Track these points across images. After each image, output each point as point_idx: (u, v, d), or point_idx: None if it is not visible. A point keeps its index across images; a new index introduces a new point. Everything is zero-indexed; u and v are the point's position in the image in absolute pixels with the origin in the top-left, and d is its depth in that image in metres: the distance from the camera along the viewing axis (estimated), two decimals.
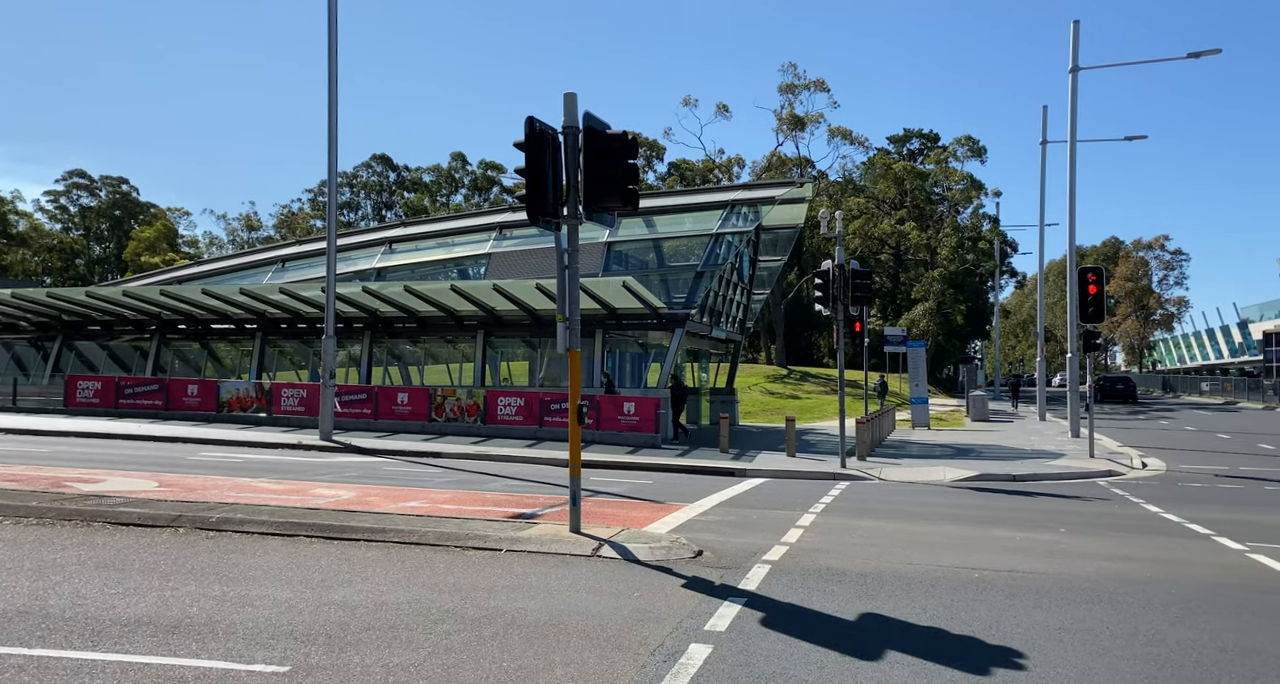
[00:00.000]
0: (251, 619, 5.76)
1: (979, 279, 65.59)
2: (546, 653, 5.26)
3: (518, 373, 28.06)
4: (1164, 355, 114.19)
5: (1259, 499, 13.66)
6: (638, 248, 26.49)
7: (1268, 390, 55.66)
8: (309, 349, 28.12)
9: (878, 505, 12.19)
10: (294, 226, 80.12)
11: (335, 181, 20.80)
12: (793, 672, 5.00)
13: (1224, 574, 7.89)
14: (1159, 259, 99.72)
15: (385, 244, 30.04)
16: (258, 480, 12.92)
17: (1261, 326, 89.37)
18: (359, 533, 8.64)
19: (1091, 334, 20.55)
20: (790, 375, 51.69)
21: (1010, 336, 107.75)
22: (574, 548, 8.19)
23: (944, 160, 67.01)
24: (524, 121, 8.57)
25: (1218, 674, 5.11)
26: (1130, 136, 33.45)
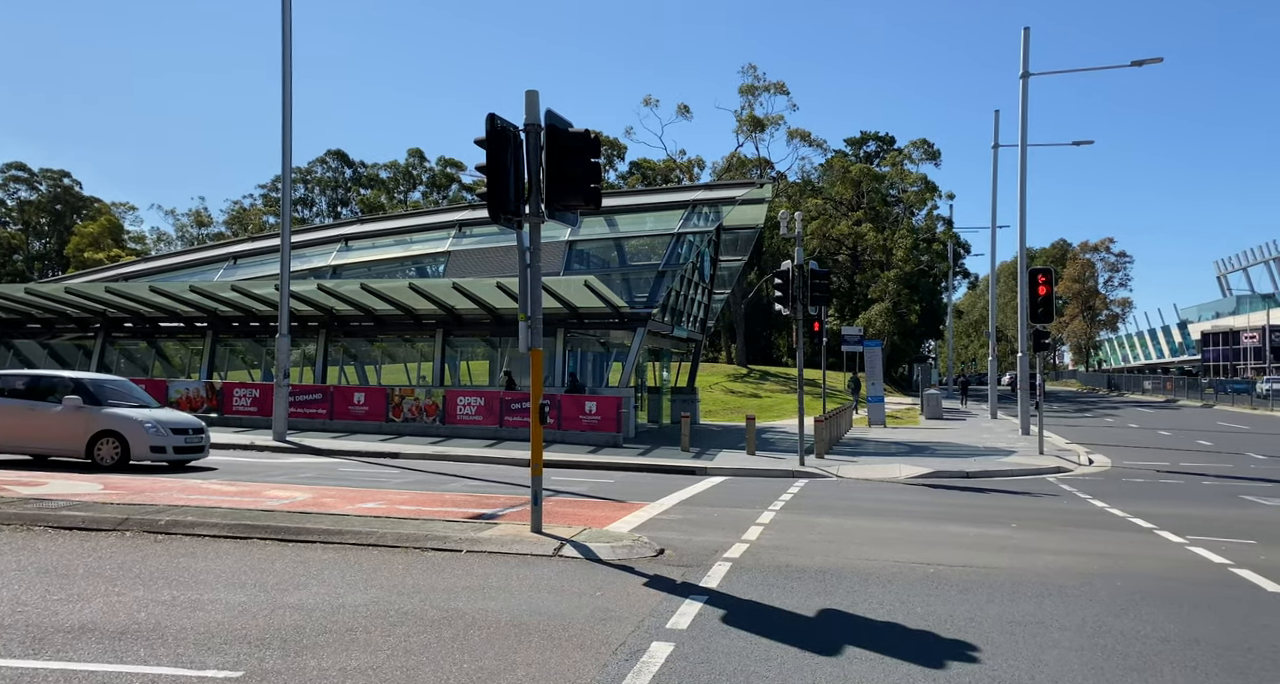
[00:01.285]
0: (203, 624, 5.62)
1: (933, 280, 66.91)
2: (508, 653, 5.23)
3: (478, 372, 27.83)
4: (1109, 355, 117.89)
5: (1198, 494, 14.18)
6: (599, 247, 26.46)
7: (1205, 388, 57.88)
8: (262, 348, 27.50)
9: (836, 503, 12.36)
10: (246, 223, 78.27)
11: (289, 177, 20.37)
12: (754, 668, 5.04)
13: (1166, 567, 8.17)
14: (1105, 261, 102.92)
15: (341, 241, 29.52)
16: (209, 482, 12.60)
17: (1199, 327, 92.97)
18: (315, 535, 8.48)
19: (1041, 334, 21.10)
20: (751, 374, 52.12)
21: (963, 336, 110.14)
22: (535, 548, 8.15)
23: (899, 163, 68.17)
24: (485, 118, 8.51)
25: (1159, 663, 5.29)
26: (1078, 141, 34.48)
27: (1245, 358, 77.20)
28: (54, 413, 13.89)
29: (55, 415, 13.87)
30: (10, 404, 14.12)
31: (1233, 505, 12.78)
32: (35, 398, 14.15)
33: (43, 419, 13.92)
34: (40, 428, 13.92)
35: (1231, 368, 77.87)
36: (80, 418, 13.76)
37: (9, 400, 14.15)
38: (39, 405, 14.03)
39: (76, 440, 13.76)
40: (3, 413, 14.02)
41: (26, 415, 13.96)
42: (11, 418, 13.98)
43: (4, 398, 14.17)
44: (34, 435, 13.99)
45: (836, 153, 69.80)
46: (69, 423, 13.77)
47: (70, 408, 13.76)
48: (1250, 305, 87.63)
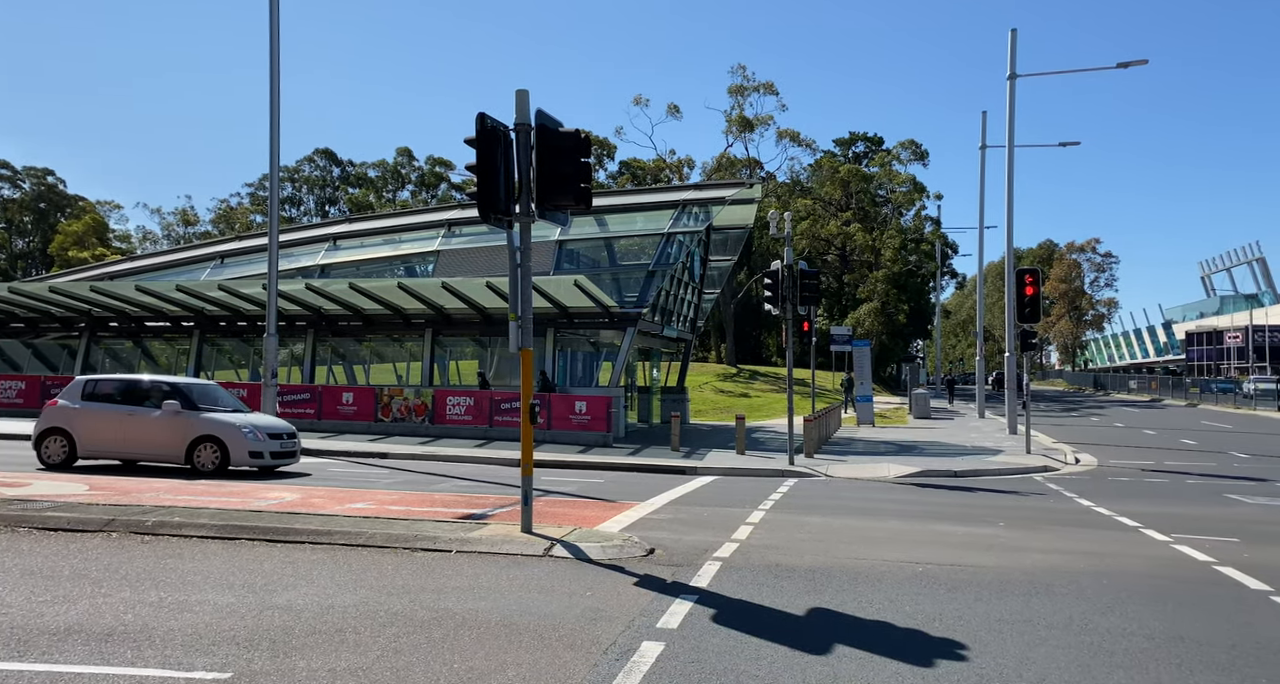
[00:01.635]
0: (190, 625, 5.58)
1: (921, 280, 67.20)
2: (498, 654, 5.22)
3: (467, 372, 27.74)
4: (1095, 354, 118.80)
5: (1182, 492, 14.31)
6: (589, 247, 26.45)
7: (1190, 388, 58.44)
8: (249, 348, 27.34)
9: (825, 502, 12.40)
10: (233, 222, 77.76)
11: (277, 175, 20.25)
12: (744, 668, 5.06)
13: (1151, 565, 8.24)
14: (1091, 261, 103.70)
15: (329, 240, 29.38)
16: (195, 483, 12.51)
17: (1184, 327, 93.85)
18: (304, 535, 8.44)
19: (1028, 334, 21.23)
20: (740, 374, 52.21)
21: (951, 336, 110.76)
22: (525, 548, 8.14)
23: (888, 163, 68.43)
24: (475, 118, 8.49)
25: (1145, 660, 5.34)
26: (1065, 142, 34.72)
27: (1229, 358, 77.97)
28: (152, 418, 13.49)
29: (154, 421, 13.46)
30: (106, 409, 13.68)
31: (1217, 504, 12.90)
32: (132, 403, 13.74)
33: (141, 425, 13.50)
34: (139, 433, 13.51)
35: (1215, 367, 78.63)
36: (179, 423, 13.39)
37: (104, 406, 13.73)
38: (137, 411, 13.61)
39: (175, 446, 13.42)
40: (99, 418, 13.62)
41: (124, 421, 13.56)
42: (107, 423, 13.57)
43: (99, 403, 13.80)
44: (132, 441, 13.58)
45: (825, 153, 70.03)
46: (168, 428, 13.39)
47: (169, 413, 13.39)
48: (1234, 306, 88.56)
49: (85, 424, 13.59)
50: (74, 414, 13.70)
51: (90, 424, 13.58)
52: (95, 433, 13.58)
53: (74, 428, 13.60)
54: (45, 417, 13.91)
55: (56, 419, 13.73)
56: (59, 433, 13.65)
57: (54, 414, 13.83)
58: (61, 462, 13.62)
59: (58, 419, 13.72)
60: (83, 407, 13.74)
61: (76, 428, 13.59)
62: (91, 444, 13.63)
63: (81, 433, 13.58)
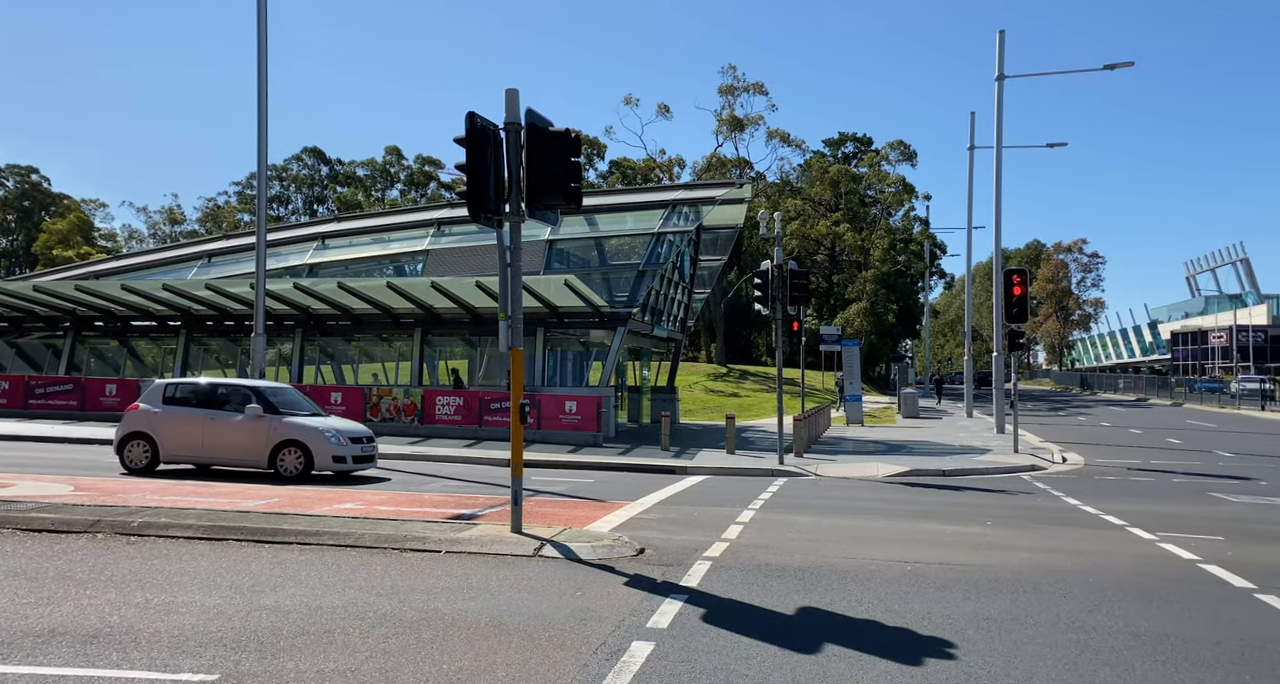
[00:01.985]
0: (177, 627, 5.54)
1: (910, 280, 67.51)
2: (487, 654, 5.21)
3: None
4: (1082, 354, 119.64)
5: (1168, 491, 14.43)
6: (580, 246, 26.42)
7: (1175, 387, 58.98)
8: (237, 347, 27.16)
9: (815, 501, 12.43)
10: (220, 220, 77.21)
11: (265, 173, 20.12)
12: (734, 667, 5.06)
13: (1137, 563, 8.30)
14: (1078, 261, 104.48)
15: (318, 239, 29.23)
16: (182, 483, 12.42)
17: (1169, 327, 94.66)
18: (292, 536, 8.39)
19: (1016, 333, 21.34)
20: (730, 374, 52.29)
21: (939, 336, 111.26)
22: (515, 548, 8.12)
23: (877, 164, 68.67)
24: (464, 117, 8.47)
25: (1131, 658, 5.38)
26: (1052, 143, 34.95)
27: (1213, 357, 78.71)
28: (234, 422, 13.26)
29: (236, 425, 13.24)
30: (188, 413, 13.44)
31: (1201, 502, 13.02)
32: (212, 407, 13.50)
33: (223, 429, 13.27)
34: (221, 438, 13.28)
35: (1200, 367, 79.35)
36: (262, 427, 13.14)
37: (186, 410, 13.49)
38: (218, 415, 13.37)
39: (258, 451, 13.18)
40: (181, 422, 13.40)
41: (206, 425, 13.33)
42: (189, 427, 13.34)
43: (179, 407, 13.59)
44: (214, 446, 13.35)
45: (815, 153, 70.26)
46: (251, 433, 13.15)
47: (251, 417, 13.15)
48: (1218, 306, 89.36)
49: (167, 428, 13.39)
50: (156, 418, 13.49)
51: (172, 428, 13.37)
52: (177, 437, 13.37)
53: (156, 432, 13.39)
54: (127, 421, 13.70)
55: (139, 423, 13.52)
56: (141, 437, 13.46)
57: (136, 418, 13.64)
58: (144, 466, 13.43)
59: (140, 423, 13.51)
60: (164, 410, 13.53)
61: (159, 432, 13.39)
62: (174, 449, 13.44)
63: (164, 437, 13.37)
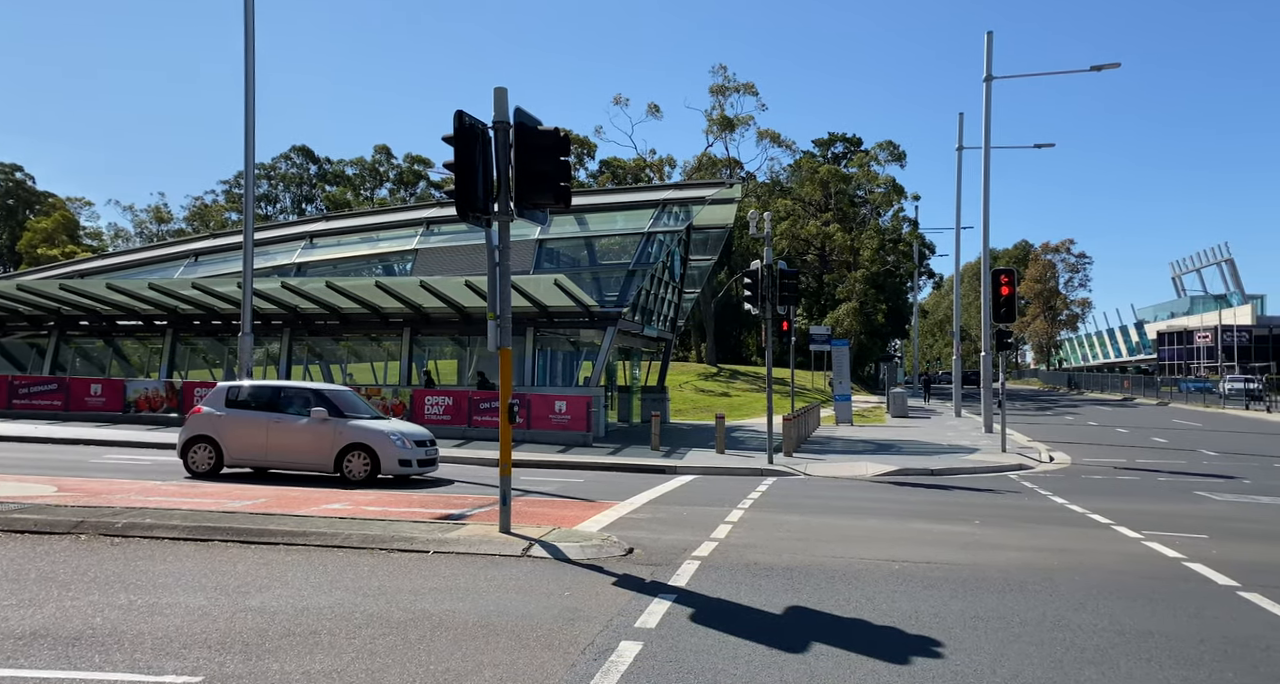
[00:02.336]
0: (161, 628, 5.49)
1: (899, 280, 67.78)
2: (475, 655, 5.19)
3: (446, 371, 27.58)
4: (1069, 354, 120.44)
5: (1153, 490, 14.54)
6: (570, 246, 26.37)
7: (1161, 387, 59.47)
8: (224, 347, 26.98)
9: (804, 500, 12.46)
10: (208, 219, 76.69)
11: (252, 171, 20.00)
12: (721, 666, 5.07)
13: (1122, 562, 8.36)
14: (1065, 262, 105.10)
15: (306, 238, 29.07)
16: (168, 483, 12.33)
17: (1155, 327, 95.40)
18: (278, 536, 8.34)
19: (1004, 333, 21.45)
20: (720, 373, 52.35)
21: (928, 335, 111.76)
22: (503, 548, 8.10)
23: (866, 164, 68.90)
24: (453, 115, 8.44)
25: (1116, 656, 5.42)
26: (1039, 144, 35.29)
27: (1199, 357, 79.36)
28: (299, 426, 13.13)
29: (302, 428, 13.10)
30: (252, 417, 13.29)
31: (1186, 501, 13.12)
32: (275, 410, 13.37)
33: (288, 432, 13.14)
34: (286, 441, 13.14)
35: (1186, 367, 80.00)
36: (328, 431, 13.00)
37: (249, 413, 13.36)
38: (283, 418, 13.24)
39: (324, 455, 13.02)
40: (245, 425, 13.25)
41: (271, 428, 13.19)
42: (254, 430, 13.20)
43: (241, 409, 13.46)
44: (279, 449, 13.19)
45: (805, 154, 70.39)
46: (316, 436, 13.01)
47: (317, 420, 13.02)
48: (1203, 306, 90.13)
49: (232, 432, 13.26)
50: (220, 422, 13.34)
51: (236, 432, 13.25)
52: (242, 441, 13.24)
53: (221, 436, 13.27)
54: (191, 424, 13.55)
55: (203, 427, 13.38)
56: (205, 441, 13.32)
57: (200, 422, 13.48)
58: (209, 470, 13.28)
59: (204, 427, 13.37)
60: (227, 414, 13.39)
61: (224, 436, 13.27)
62: (238, 452, 13.30)
63: (228, 441, 13.25)
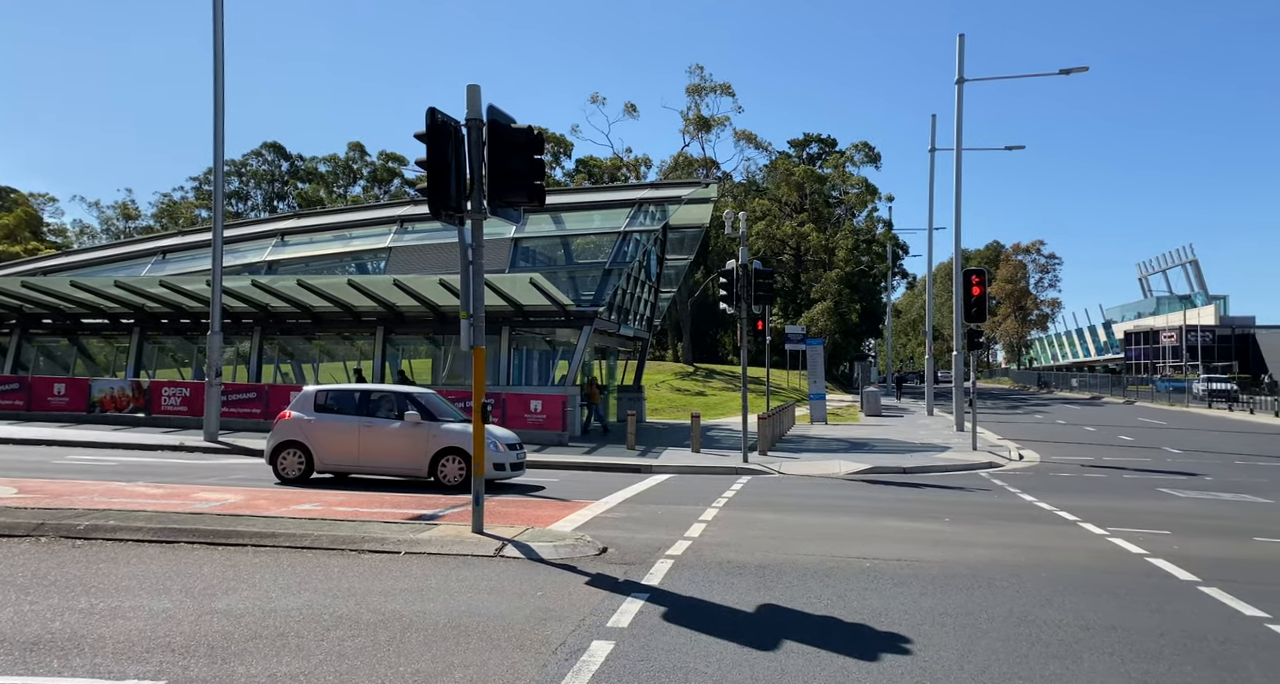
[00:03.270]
0: (123, 632, 5.39)
1: (873, 280, 68.39)
2: (445, 656, 5.15)
3: (420, 370, 27.35)
4: (1040, 353, 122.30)
5: (1119, 487, 14.80)
6: (545, 244, 26.28)
7: (1127, 386, 60.62)
8: (193, 346, 26.55)
9: (778, 499, 12.52)
10: (176, 216, 75.44)
11: (221, 167, 19.70)
12: (693, 665, 5.08)
13: (1088, 558, 8.50)
14: (1035, 262, 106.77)
15: (277, 236, 28.68)
16: (134, 485, 12.11)
17: (1123, 327, 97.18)
18: (246, 538, 8.22)
19: (975, 333, 21.73)
20: (697, 372, 52.47)
21: (901, 335, 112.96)
22: (476, 549, 8.05)
23: (841, 165, 69.47)
24: (425, 113, 8.37)
25: (1080, 650, 5.51)
26: (1010, 146, 35.86)
27: (1164, 357, 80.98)
28: (392, 430, 12.89)
29: (394, 432, 12.86)
30: (342, 421, 13.03)
31: (1150, 498, 13.38)
32: (366, 414, 13.13)
33: (380, 437, 12.90)
34: (378, 446, 12.90)
35: (1152, 366, 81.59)
36: (421, 435, 12.77)
37: (339, 417, 13.09)
38: (374, 422, 13.01)
39: (418, 459, 12.79)
40: (335, 430, 12.99)
41: (363, 433, 12.94)
42: (345, 435, 12.95)
43: (332, 414, 13.15)
44: (370, 453, 12.96)
45: (780, 154, 70.82)
46: (410, 440, 12.78)
47: (410, 424, 12.80)
48: (1169, 306, 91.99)
49: (322, 437, 12.99)
50: (310, 427, 13.06)
51: (327, 436, 12.99)
52: (332, 445, 12.98)
53: (311, 441, 13.00)
54: (279, 430, 13.25)
55: (292, 432, 13.09)
56: (295, 446, 13.05)
57: (289, 427, 13.15)
58: (299, 476, 12.99)
59: (293, 432, 13.08)
60: (317, 418, 13.11)
61: (314, 441, 13.00)
62: (329, 457, 13.02)
63: (319, 446, 12.99)
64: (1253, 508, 12.39)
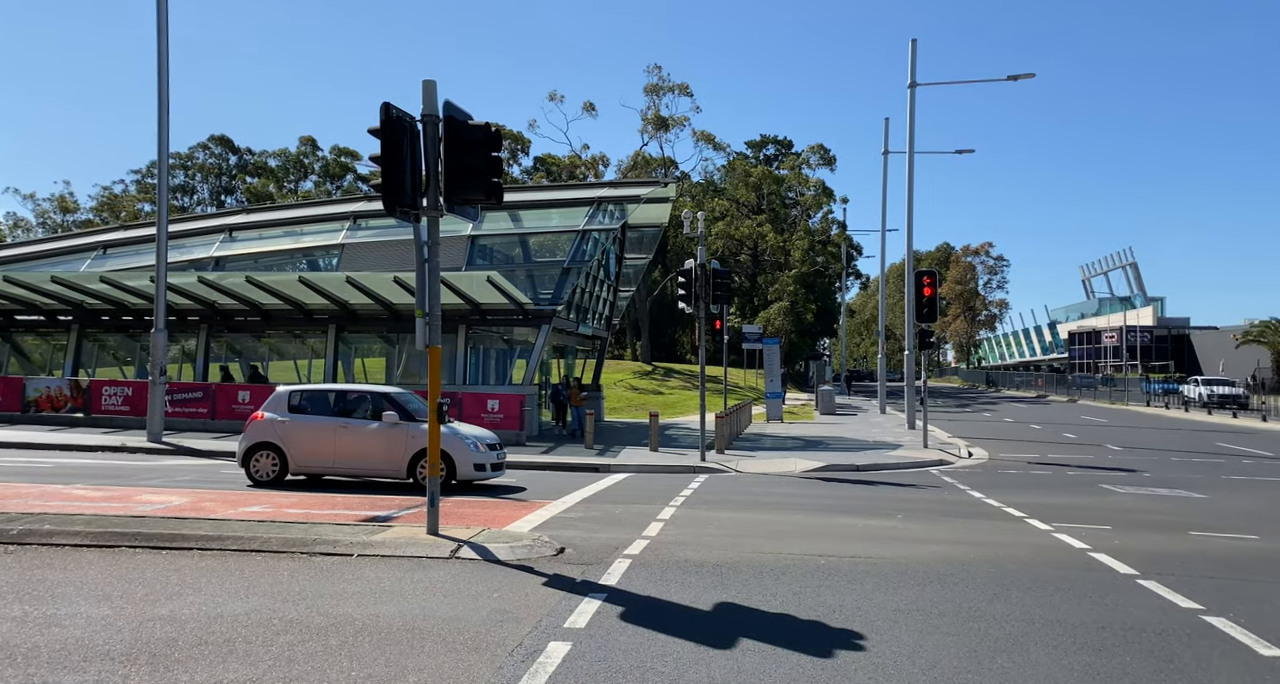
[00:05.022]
0: (59, 640, 5.19)
1: (828, 280, 69.37)
2: (399, 659, 5.07)
3: (373, 370, 26.91)
4: (988, 352, 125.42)
5: (1063, 484, 15.24)
6: (503, 242, 26.06)
7: (1071, 385, 62.56)
8: (135, 343, 25.71)
9: (734, 497, 12.61)
10: (118, 210, 72.87)
11: (166, 159, 19.10)
12: (650, 664, 5.08)
13: (1034, 553, 8.73)
14: (984, 264, 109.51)
15: (225, 231, 27.93)
16: (72, 487, 11.68)
17: (1067, 327, 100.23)
18: (192, 541, 7.99)
19: (926, 333, 22.16)
20: (655, 371, 52.58)
21: (855, 334, 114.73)
22: (431, 550, 7.95)
23: (798, 167, 70.29)
24: (379, 107, 8.23)
25: (1026, 643, 5.65)
26: (960, 150, 36.55)
27: (1106, 356, 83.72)
28: (370, 430, 12.56)
29: (372, 433, 12.54)
30: (318, 422, 12.70)
31: (1093, 494, 13.80)
32: (342, 415, 12.83)
33: (356, 438, 12.57)
34: (355, 447, 12.57)
35: (1094, 365, 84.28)
36: (400, 436, 12.46)
37: (315, 418, 12.75)
38: (351, 423, 12.67)
39: (396, 460, 12.49)
40: (311, 431, 12.64)
41: (339, 433, 12.60)
42: (321, 436, 12.60)
43: (306, 415, 12.81)
44: (347, 455, 12.62)
45: (738, 155, 71.41)
46: (388, 441, 12.47)
47: (388, 425, 12.48)
48: (1110, 308, 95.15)
49: (297, 438, 12.66)
50: (284, 428, 12.71)
51: (302, 438, 12.65)
52: (307, 447, 12.65)
53: (285, 442, 12.66)
54: (252, 431, 12.80)
55: (265, 434, 12.71)
56: (269, 448, 12.71)
57: (262, 428, 12.77)
58: (273, 478, 12.65)
59: (266, 434, 12.71)
60: (291, 419, 12.76)
61: (288, 442, 12.66)
62: (304, 459, 12.69)
63: (293, 447, 12.65)
64: (1188, 503, 12.87)
